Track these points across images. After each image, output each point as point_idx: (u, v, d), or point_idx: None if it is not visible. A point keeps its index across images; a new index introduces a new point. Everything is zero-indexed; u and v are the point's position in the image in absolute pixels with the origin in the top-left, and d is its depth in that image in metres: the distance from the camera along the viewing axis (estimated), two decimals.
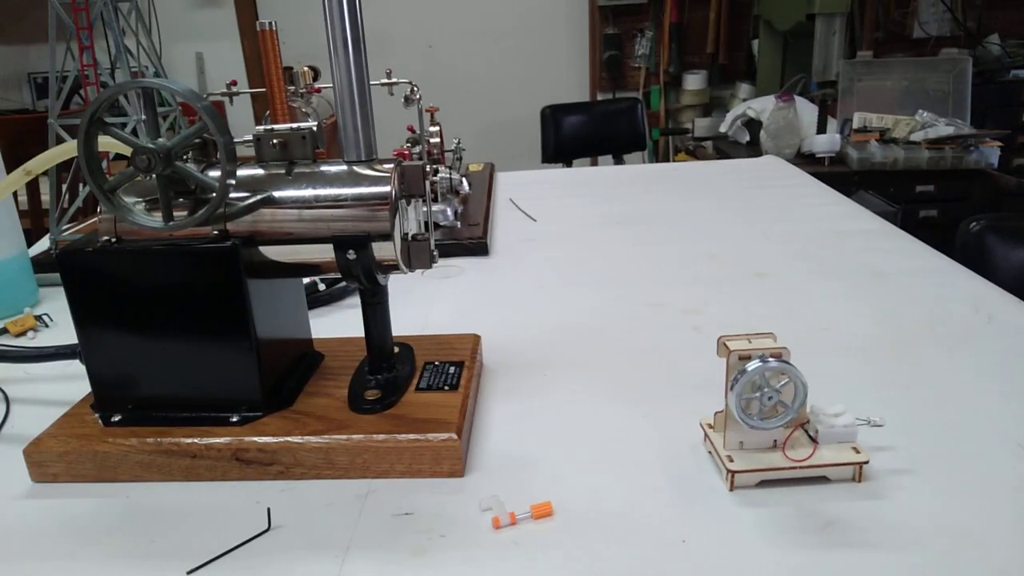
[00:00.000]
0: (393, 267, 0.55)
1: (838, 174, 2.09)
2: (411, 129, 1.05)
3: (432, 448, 0.52)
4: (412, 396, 0.57)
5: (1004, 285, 0.82)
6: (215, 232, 0.53)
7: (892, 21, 2.98)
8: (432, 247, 0.56)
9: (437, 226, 1.03)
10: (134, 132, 0.97)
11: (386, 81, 0.80)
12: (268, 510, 0.49)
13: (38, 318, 0.83)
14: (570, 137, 2.63)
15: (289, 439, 0.53)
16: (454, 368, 0.61)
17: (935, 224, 2.15)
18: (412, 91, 0.78)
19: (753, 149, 2.36)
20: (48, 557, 0.47)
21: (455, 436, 0.52)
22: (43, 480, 0.54)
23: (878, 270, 0.88)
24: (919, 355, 0.67)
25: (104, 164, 0.90)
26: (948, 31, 2.93)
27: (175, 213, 0.52)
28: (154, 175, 0.50)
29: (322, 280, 0.86)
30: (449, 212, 1.03)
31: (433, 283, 0.91)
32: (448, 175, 1.03)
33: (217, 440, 0.53)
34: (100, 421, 0.55)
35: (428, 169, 0.55)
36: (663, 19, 3.03)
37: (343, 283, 0.85)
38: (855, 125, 2.20)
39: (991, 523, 0.45)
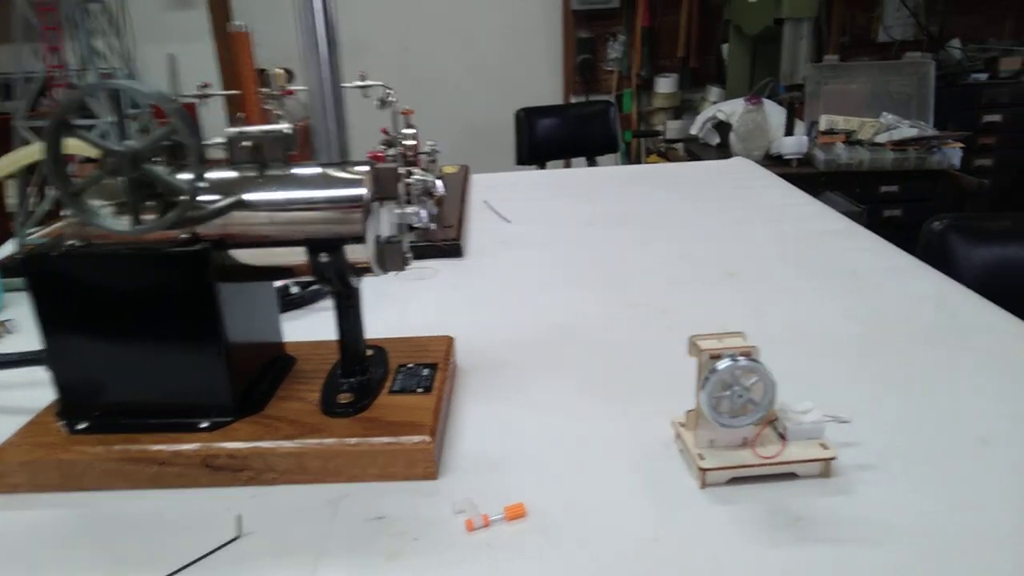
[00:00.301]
0: (366, 270, 0.55)
1: (805, 175, 2.12)
2: (385, 131, 1.04)
3: (405, 451, 0.52)
4: (385, 399, 0.57)
5: (966, 283, 0.84)
6: (185, 236, 0.52)
7: (858, 26, 3.03)
8: (405, 249, 0.56)
9: (411, 228, 1.03)
10: (104, 135, 0.96)
11: (360, 84, 0.80)
12: (238, 517, 0.48)
13: (2, 324, 0.81)
14: (544, 139, 2.63)
15: (260, 444, 0.52)
16: (428, 370, 0.61)
17: (899, 224, 2.19)
18: (387, 94, 0.78)
19: (723, 151, 2.39)
20: (8, 571, 0.46)
21: (428, 438, 0.52)
22: (4, 491, 0.53)
23: (845, 269, 0.89)
24: (885, 352, 0.69)
25: (72, 167, 0.88)
26: (912, 36, 2.99)
27: (144, 216, 0.51)
28: (123, 178, 0.49)
29: (295, 283, 0.85)
30: (423, 214, 1.02)
31: (407, 285, 0.91)
32: (422, 177, 1.03)
33: (186, 447, 0.52)
34: (66, 429, 0.54)
35: (402, 171, 0.55)
36: (635, 23, 3.05)
37: (315, 286, 0.85)
38: (822, 127, 2.23)
39: (955, 516, 0.47)
